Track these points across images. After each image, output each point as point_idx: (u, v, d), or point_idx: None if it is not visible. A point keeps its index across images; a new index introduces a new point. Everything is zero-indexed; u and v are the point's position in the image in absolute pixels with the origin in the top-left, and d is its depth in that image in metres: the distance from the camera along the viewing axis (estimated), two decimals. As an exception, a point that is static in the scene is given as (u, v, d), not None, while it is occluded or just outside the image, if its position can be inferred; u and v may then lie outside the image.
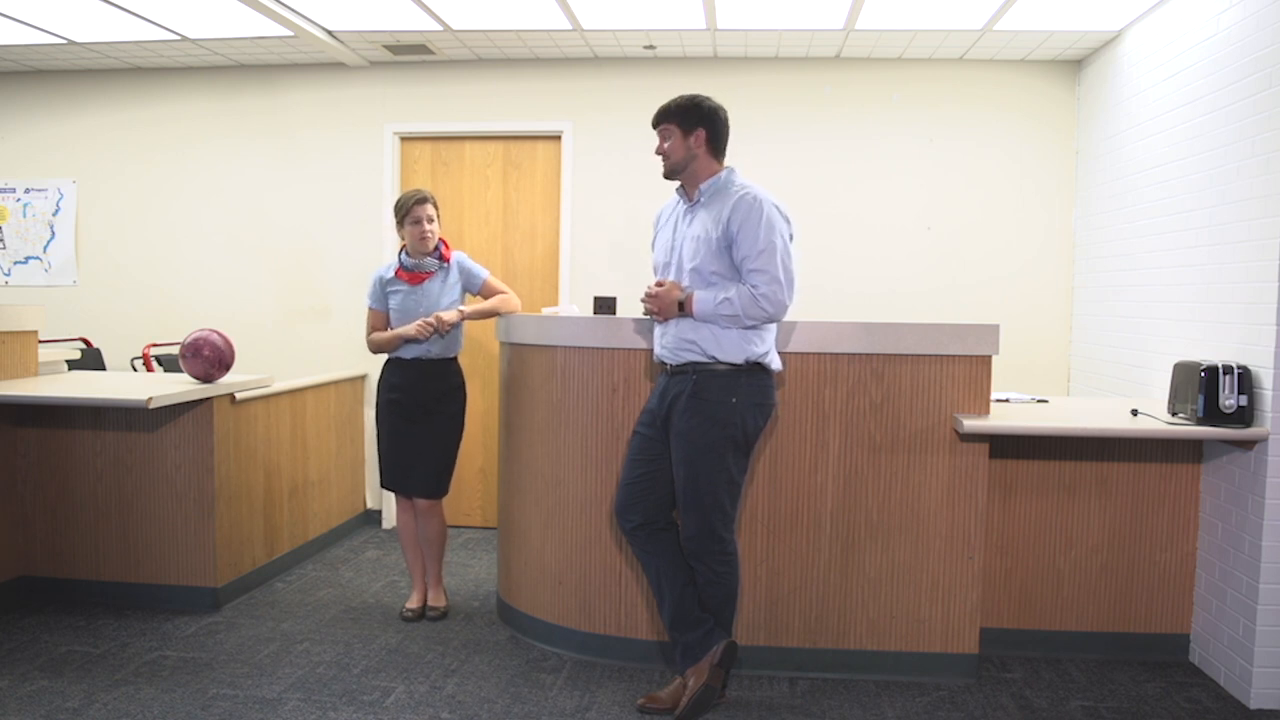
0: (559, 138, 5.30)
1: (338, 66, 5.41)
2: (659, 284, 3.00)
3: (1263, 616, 3.10)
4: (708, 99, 3.06)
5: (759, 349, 2.95)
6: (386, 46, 5.07)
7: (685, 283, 2.97)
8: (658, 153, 3.05)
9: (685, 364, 2.96)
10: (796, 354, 3.27)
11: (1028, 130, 5.09)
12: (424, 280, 3.79)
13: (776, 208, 2.94)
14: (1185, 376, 3.27)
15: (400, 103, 5.39)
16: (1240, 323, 3.28)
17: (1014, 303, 5.05)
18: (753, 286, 2.87)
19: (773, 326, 3.02)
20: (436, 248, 3.81)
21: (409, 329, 3.71)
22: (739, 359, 2.92)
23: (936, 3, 4.26)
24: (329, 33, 4.87)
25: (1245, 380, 3.13)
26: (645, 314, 3.09)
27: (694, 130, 2.99)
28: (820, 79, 5.17)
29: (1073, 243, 5.07)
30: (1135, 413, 3.35)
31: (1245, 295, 3.25)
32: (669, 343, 2.99)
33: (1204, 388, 3.14)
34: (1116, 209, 4.48)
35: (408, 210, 3.75)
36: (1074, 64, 5.04)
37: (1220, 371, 3.13)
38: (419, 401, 3.80)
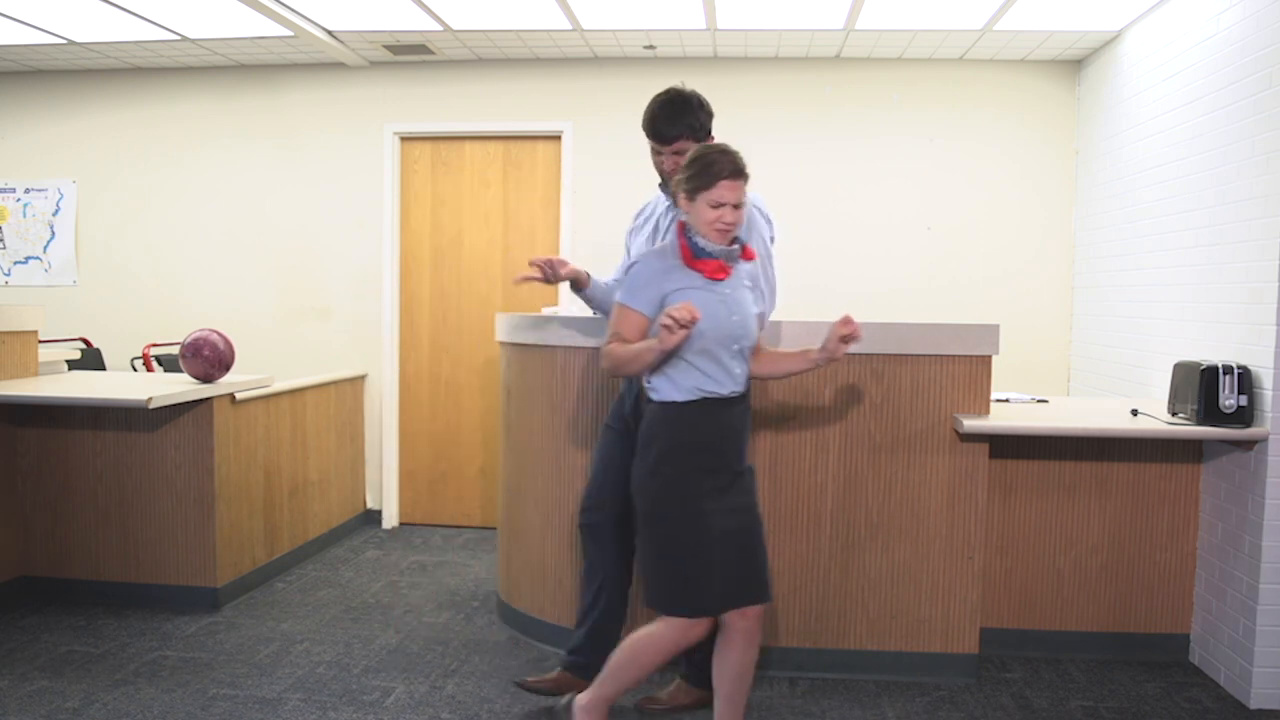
0: (559, 138, 5.30)
1: (338, 66, 5.41)
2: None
3: (1263, 616, 3.10)
4: (700, 97, 2.95)
5: None
6: (386, 46, 5.07)
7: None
8: (669, 169, 2.87)
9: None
10: (796, 354, 3.27)
11: (1028, 130, 5.09)
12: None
13: (759, 210, 2.91)
14: (1185, 376, 3.27)
15: (400, 103, 5.39)
16: (1240, 323, 3.28)
17: (1014, 303, 5.05)
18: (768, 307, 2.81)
19: None
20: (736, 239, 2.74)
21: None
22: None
23: (936, 3, 4.26)
24: (329, 33, 4.87)
25: (1245, 380, 3.13)
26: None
27: (707, 138, 2.91)
28: (820, 79, 5.17)
29: (1073, 243, 5.07)
30: (1135, 413, 3.35)
31: (1245, 295, 3.25)
32: None
33: (1204, 388, 3.14)
34: (1116, 209, 4.48)
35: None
36: (1074, 64, 5.04)
37: (1220, 371, 3.13)
38: (731, 462, 2.57)
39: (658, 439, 2.51)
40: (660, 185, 3.02)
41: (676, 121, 2.87)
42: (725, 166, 2.45)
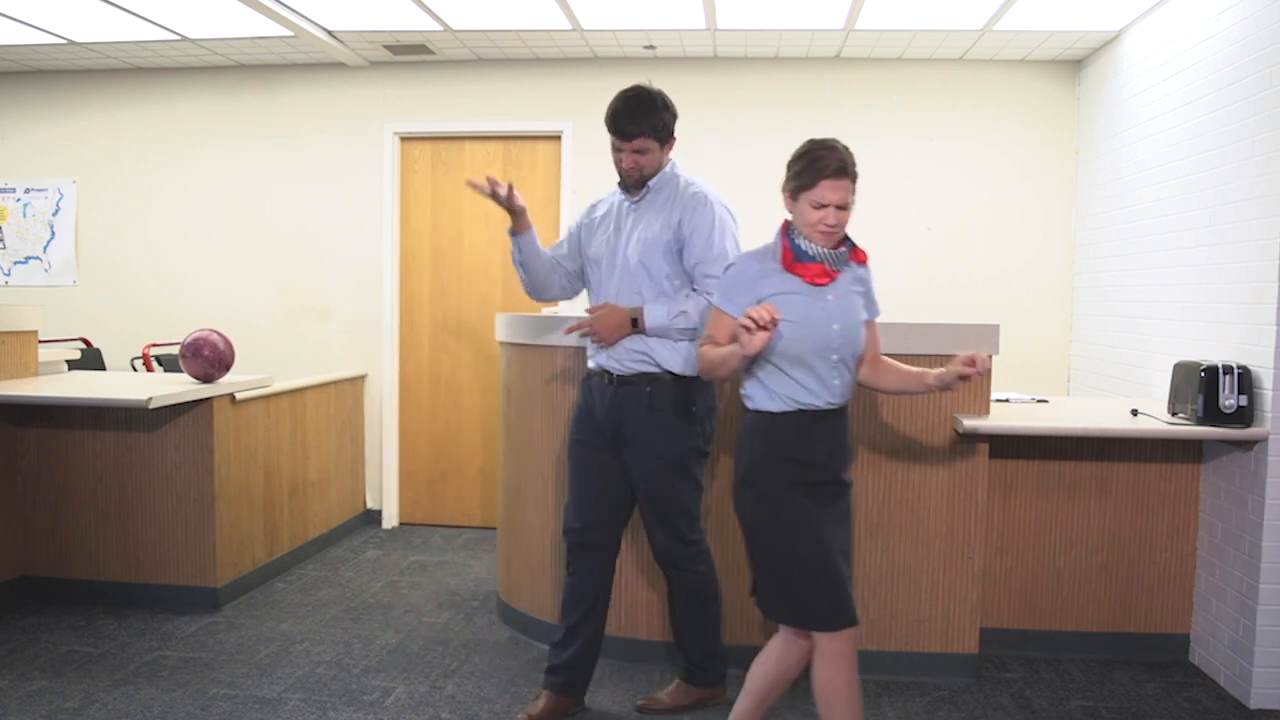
0: (559, 138, 5.30)
1: (338, 66, 5.41)
2: (597, 308, 2.86)
3: (1263, 616, 3.09)
4: (665, 96, 2.85)
5: None
6: (386, 46, 5.07)
7: (633, 282, 2.82)
8: (628, 167, 2.82)
9: (636, 375, 2.82)
10: (796, 354, 3.27)
11: (1028, 130, 5.09)
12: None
13: (726, 207, 2.87)
14: (1185, 376, 3.27)
15: (400, 103, 5.39)
16: (1240, 323, 3.28)
17: (1014, 303, 5.05)
18: (707, 294, 2.73)
19: None
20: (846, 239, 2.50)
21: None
22: (693, 371, 2.77)
23: (936, 3, 4.26)
24: (329, 33, 4.87)
25: (1245, 380, 3.13)
26: (584, 336, 2.91)
27: (670, 139, 2.85)
28: (820, 79, 5.17)
29: (1073, 243, 5.07)
30: (1135, 413, 3.35)
31: (1245, 295, 3.25)
32: (618, 353, 2.83)
33: (1204, 388, 3.14)
34: (1116, 209, 4.48)
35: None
36: (1074, 64, 5.04)
37: (1220, 371, 3.13)
38: (834, 474, 2.45)
39: (747, 449, 2.41)
40: (620, 185, 2.95)
41: (640, 119, 2.79)
42: (829, 164, 2.30)
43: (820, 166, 2.31)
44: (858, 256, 2.46)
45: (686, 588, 2.96)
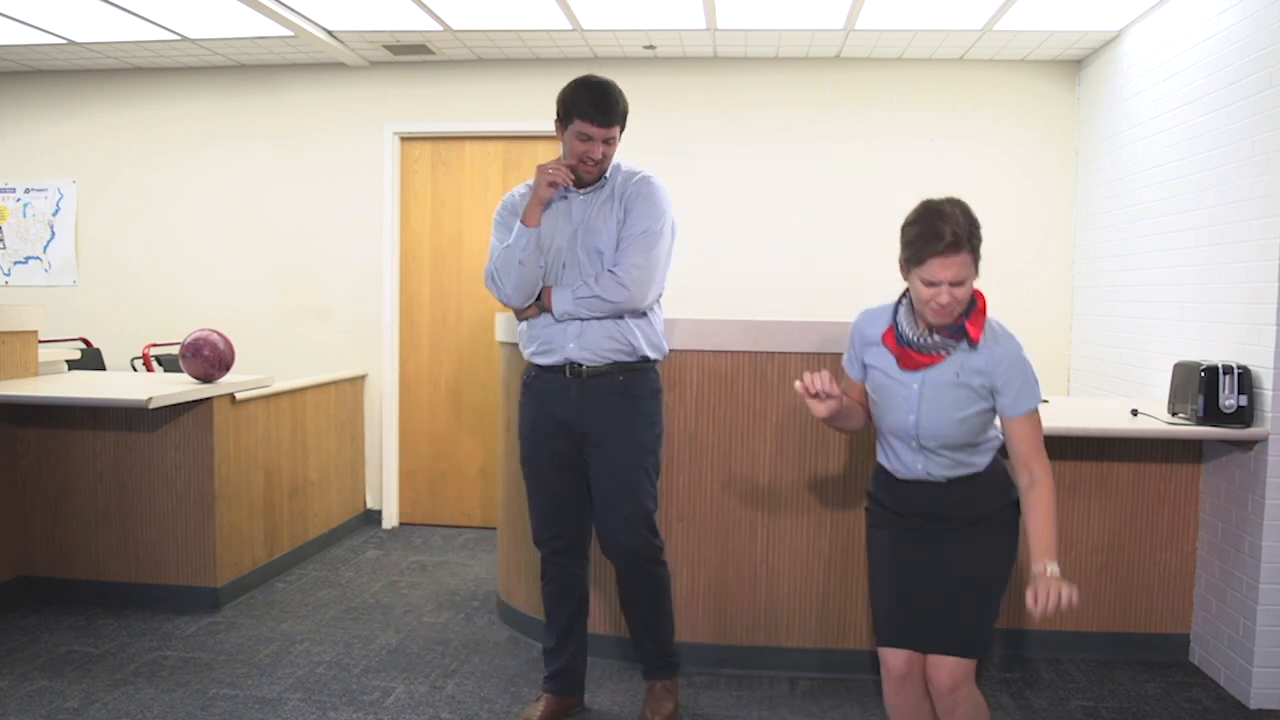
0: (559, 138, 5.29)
1: (338, 66, 5.41)
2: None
3: (1263, 616, 3.10)
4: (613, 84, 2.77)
5: (665, 341, 2.92)
6: (386, 46, 5.07)
7: (584, 275, 2.75)
8: (593, 158, 2.73)
9: (609, 364, 2.78)
10: (797, 354, 3.27)
11: (1028, 130, 5.09)
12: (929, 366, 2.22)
13: (667, 195, 2.82)
14: (1185, 376, 3.27)
15: (400, 103, 5.39)
16: (1240, 323, 3.28)
17: (1014, 303, 5.04)
18: (615, 267, 2.71)
19: (661, 312, 2.91)
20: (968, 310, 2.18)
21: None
22: (660, 354, 2.87)
23: (936, 3, 4.25)
24: (329, 33, 4.87)
25: (1245, 380, 3.13)
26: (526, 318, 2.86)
27: (624, 128, 2.81)
28: (820, 79, 5.16)
29: (1073, 243, 5.06)
30: (1135, 413, 3.35)
31: (1245, 295, 3.25)
32: (591, 343, 2.75)
33: (1204, 388, 3.15)
34: (1116, 209, 4.48)
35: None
36: (1074, 64, 5.04)
37: (1220, 371, 3.13)
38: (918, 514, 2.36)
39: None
40: (577, 181, 2.79)
41: (615, 107, 2.73)
42: (941, 239, 2.02)
43: (929, 241, 2.04)
44: (972, 335, 2.12)
45: (644, 590, 2.88)
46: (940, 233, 2.03)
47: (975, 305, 2.16)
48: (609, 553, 2.87)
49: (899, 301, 2.23)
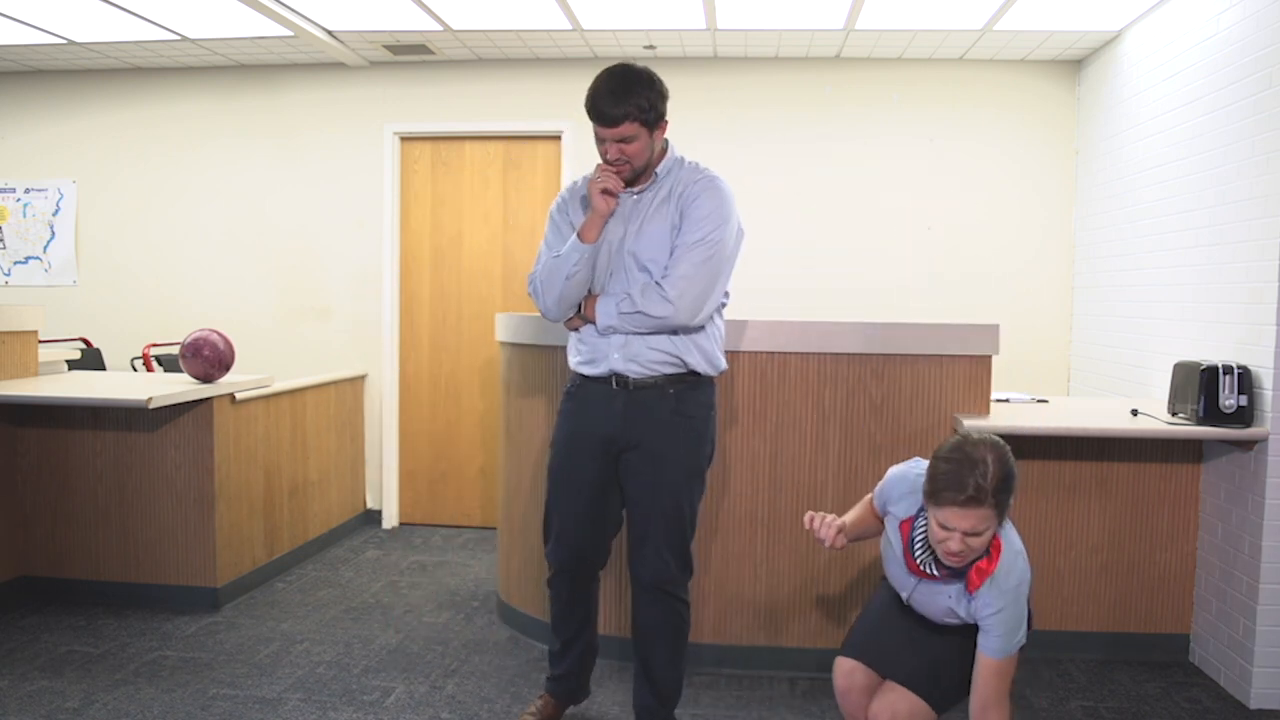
0: (559, 138, 5.30)
1: (338, 66, 5.41)
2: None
3: (1263, 616, 3.09)
4: (654, 73, 2.53)
5: (724, 355, 2.71)
6: (386, 46, 5.07)
7: (635, 282, 2.56)
8: (614, 159, 2.48)
9: (657, 377, 2.57)
10: (797, 354, 3.27)
11: (1028, 130, 5.09)
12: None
13: (732, 199, 2.58)
14: (1185, 376, 3.27)
15: (400, 103, 5.39)
16: (1240, 323, 3.28)
17: (1014, 303, 5.05)
18: (664, 279, 2.48)
19: (721, 325, 2.70)
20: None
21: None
22: (715, 369, 2.64)
23: (936, 3, 4.26)
24: (329, 33, 4.87)
25: (1245, 380, 3.13)
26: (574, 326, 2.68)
27: (660, 122, 2.51)
28: (820, 79, 5.17)
29: (1073, 243, 5.07)
30: (1135, 413, 3.35)
31: (1245, 295, 3.25)
32: (636, 354, 2.55)
33: (1204, 388, 3.15)
34: (1116, 209, 4.48)
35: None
36: (1074, 64, 5.04)
37: (1220, 371, 3.13)
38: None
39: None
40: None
41: (622, 99, 2.43)
42: (964, 489, 1.93)
43: (951, 489, 1.95)
44: (971, 583, 2.08)
45: (666, 629, 2.68)
46: (964, 484, 1.94)
47: (987, 552, 2.07)
48: (631, 573, 2.70)
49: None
